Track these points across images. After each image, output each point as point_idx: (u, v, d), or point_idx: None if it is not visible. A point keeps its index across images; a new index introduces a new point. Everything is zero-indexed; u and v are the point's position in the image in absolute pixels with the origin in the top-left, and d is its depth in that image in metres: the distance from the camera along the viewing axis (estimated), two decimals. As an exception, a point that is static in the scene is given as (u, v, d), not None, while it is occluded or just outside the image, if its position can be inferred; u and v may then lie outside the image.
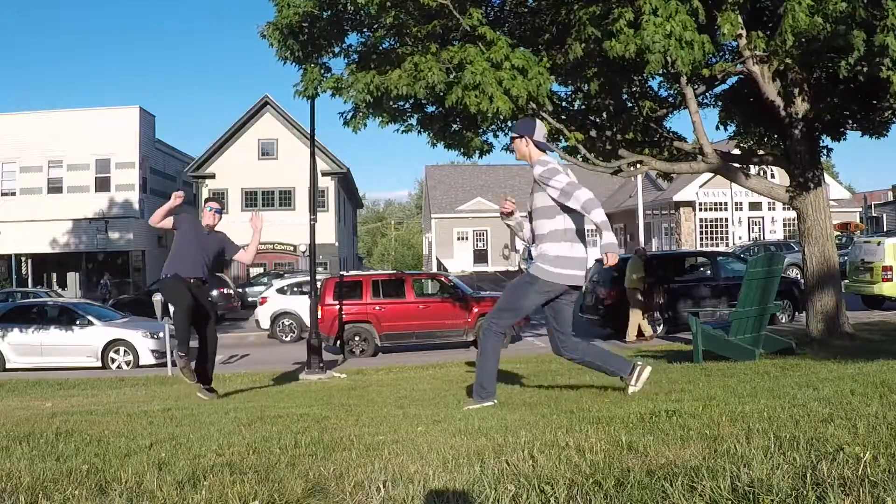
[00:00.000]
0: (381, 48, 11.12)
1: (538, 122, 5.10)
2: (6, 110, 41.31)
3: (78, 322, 16.01)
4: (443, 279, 17.86)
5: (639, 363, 5.11)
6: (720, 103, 12.41)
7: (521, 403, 5.36)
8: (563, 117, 11.65)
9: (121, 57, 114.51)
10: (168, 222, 7.26)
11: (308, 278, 15.30)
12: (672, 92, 11.96)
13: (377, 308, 16.10)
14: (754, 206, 40.92)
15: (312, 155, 13.60)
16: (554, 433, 3.14)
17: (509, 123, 12.33)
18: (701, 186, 39.36)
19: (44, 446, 3.60)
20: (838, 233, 28.93)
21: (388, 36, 10.99)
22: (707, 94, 12.19)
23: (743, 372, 6.09)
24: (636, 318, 14.51)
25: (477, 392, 4.97)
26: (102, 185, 34.32)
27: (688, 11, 8.18)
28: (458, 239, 47.49)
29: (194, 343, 7.60)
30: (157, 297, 14.47)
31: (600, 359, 5.09)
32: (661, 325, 15.51)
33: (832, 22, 7.56)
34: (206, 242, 7.46)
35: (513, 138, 5.07)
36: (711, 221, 41.35)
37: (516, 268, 42.49)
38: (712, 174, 10.87)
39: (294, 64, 10.96)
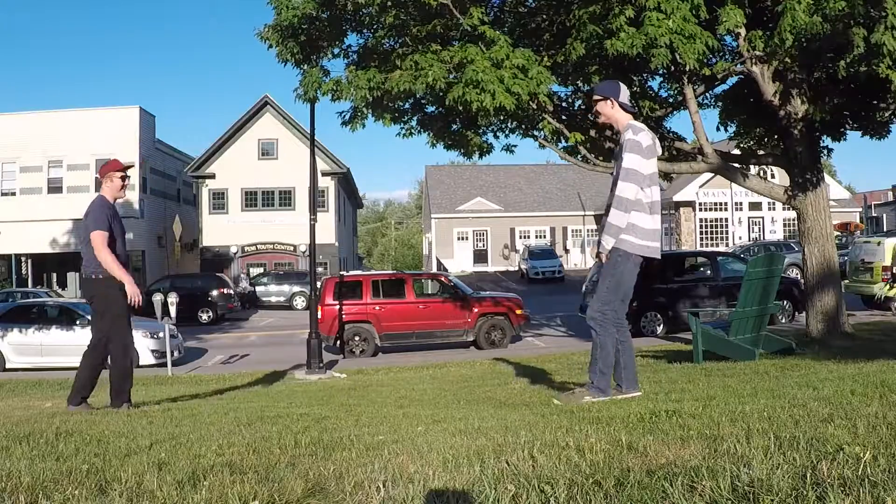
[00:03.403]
0: (381, 48, 11.13)
1: (621, 84, 4.94)
2: (6, 110, 41.30)
3: (78, 322, 15.99)
4: (443, 279, 17.87)
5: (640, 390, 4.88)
6: (720, 103, 12.42)
7: (521, 403, 5.36)
8: (563, 117, 11.65)
9: (121, 57, 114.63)
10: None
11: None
12: (672, 92, 11.97)
13: (377, 308, 16.10)
14: (754, 206, 40.95)
15: (312, 155, 13.61)
16: (554, 433, 3.14)
17: (510, 123, 12.38)
18: (701, 186, 39.39)
19: (44, 446, 3.59)
20: (838, 233, 28.93)
21: (389, 36, 11.00)
22: (707, 94, 12.20)
23: (743, 372, 6.09)
24: None
25: (598, 385, 4.68)
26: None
27: (689, 7, 8.19)
28: (458, 239, 47.49)
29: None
30: (157, 298, 14.48)
31: (626, 358, 4.84)
32: (661, 325, 15.52)
33: (831, 21, 7.57)
34: (120, 224, 6.00)
35: (595, 101, 4.87)
36: (711, 221, 41.39)
37: (516, 268, 42.51)
38: (712, 174, 10.88)
39: (294, 66, 10.96)
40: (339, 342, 15.90)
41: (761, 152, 12.53)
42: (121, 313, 5.86)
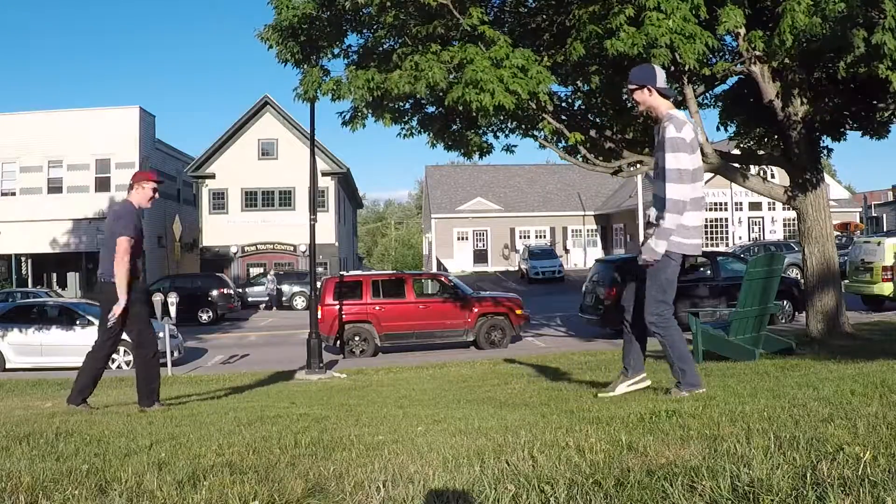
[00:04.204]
0: (381, 49, 11.13)
1: (656, 67, 4.70)
2: (6, 110, 41.33)
3: (78, 322, 16.00)
4: (443, 279, 17.86)
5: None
6: (720, 103, 12.42)
7: (521, 403, 5.36)
8: (563, 117, 11.65)
9: (121, 57, 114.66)
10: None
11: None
12: (672, 92, 11.97)
13: (377, 308, 16.10)
14: (754, 206, 40.95)
15: (312, 155, 13.60)
16: (554, 433, 3.14)
17: (510, 123, 12.37)
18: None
19: (44, 446, 3.59)
20: (838, 233, 28.93)
21: (389, 36, 11.00)
22: (707, 94, 12.19)
23: (743, 372, 6.09)
24: None
25: (686, 382, 4.59)
26: (102, 185, 34.31)
27: (689, 7, 8.19)
28: (458, 239, 47.48)
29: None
30: (157, 298, 14.48)
31: (641, 347, 4.90)
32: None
33: (831, 22, 7.57)
34: (141, 228, 6.13)
35: (631, 90, 4.62)
36: (711, 221, 41.35)
37: (516, 268, 42.51)
38: (712, 174, 10.88)
39: (293, 66, 10.96)
40: (339, 342, 15.90)
41: (761, 152, 12.53)
42: (140, 320, 5.91)
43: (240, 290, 30.84)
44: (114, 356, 15.52)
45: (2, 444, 3.63)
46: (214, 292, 27.11)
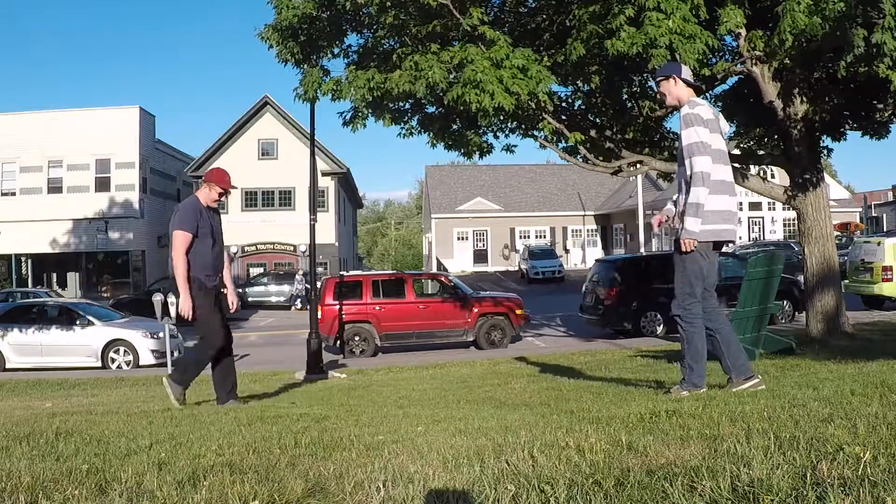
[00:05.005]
0: (381, 49, 11.13)
1: (682, 63, 4.91)
2: (6, 110, 41.30)
3: (78, 322, 16.01)
4: (443, 279, 17.86)
5: (756, 376, 4.63)
6: (720, 104, 12.41)
7: (521, 403, 5.36)
8: (563, 117, 11.65)
9: (121, 57, 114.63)
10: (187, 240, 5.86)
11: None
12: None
13: (377, 308, 16.10)
14: (754, 206, 40.94)
15: (312, 155, 13.60)
16: (554, 433, 3.14)
17: (510, 123, 12.37)
18: (701, 186, 39.36)
19: (44, 446, 3.59)
20: (838, 233, 28.92)
21: (389, 36, 11.00)
22: (707, 94, 12.18)
23: (743, 372, 6.07)
24: None
25: (690, 380, 4.55)
26: (102, 185, 34.32)
27: (689, 7, 8.18)
28: (458, 239, 47.48)
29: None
30: (157, 298, 14.46)
31: (725, 345, 4.59)
32: (661, 326, 15.52)
33: (831, 21, 7.56)
34: (218, 227, 6.24)
35: (659, 82, 4.83)
36: (712, 221, 41.33)
37: (516, 268, 42.51)
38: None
39: (293, 66, 10.96)
40: (339, 342, 15.90)
41: (761, 152, 12.53)
42: (204, 314, 6.03)
43: (240, 290, 30.85)
44: (114, 356, 15.55)
45: (2, 444, 3.63)
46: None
